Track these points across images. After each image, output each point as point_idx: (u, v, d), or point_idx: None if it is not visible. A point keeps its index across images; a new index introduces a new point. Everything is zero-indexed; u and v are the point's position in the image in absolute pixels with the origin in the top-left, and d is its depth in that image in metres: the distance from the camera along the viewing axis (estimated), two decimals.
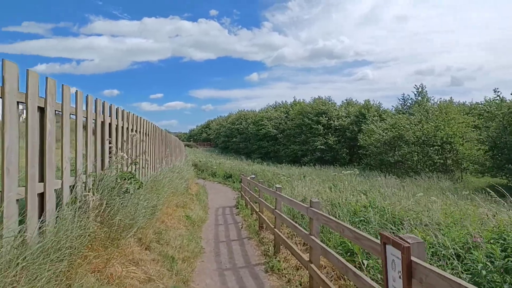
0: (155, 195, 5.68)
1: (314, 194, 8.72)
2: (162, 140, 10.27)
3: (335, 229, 3.03)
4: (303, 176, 20.99)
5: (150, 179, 6.24)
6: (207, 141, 72.27)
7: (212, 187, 18.81)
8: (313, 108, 37.54)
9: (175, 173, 9.37)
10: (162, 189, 6.44)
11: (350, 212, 5.40)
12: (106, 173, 4.13)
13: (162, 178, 7.15)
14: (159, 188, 6.18)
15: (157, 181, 6.40)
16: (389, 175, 22.10)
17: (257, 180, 16.85)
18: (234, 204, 12.61)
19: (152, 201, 5.36)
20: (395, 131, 25.56)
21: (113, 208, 3.72)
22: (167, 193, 7.32)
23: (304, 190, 9.47)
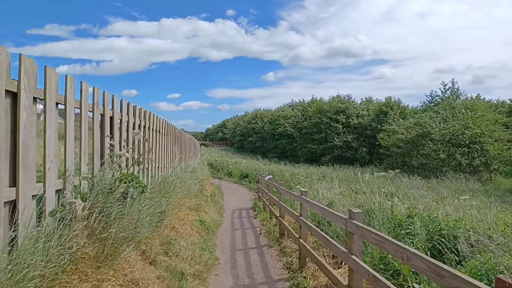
0: (164, 199, 5.03)
1: (341, 198, 7.91)
2: (176, 138, 9.68)
3: (394, 253, 2.28)
4: (322, 176, 20.18)
5: (159, 181, 5.60)
6: (223, 140, 71.95)
7: (228, 187, 18.18)
8: (331, 106, 36.45)
9: (188, 173, 8.74)
10: (173, 191, 5.79)
11: (389, 221, 4.58)
12: (102, 175, 3.48)
13: (174, 179, 6.51)
14: (169, 191, 5.53)
15: (168, 182, 5.76)
16: (413, 175, 21.00)
17: (274, 181, 16.10)
18: (251, 206, 11.91)
19: (161, 206, 4.71)
20: (419, 129, 24.28)
21: (109, 217, 3.07)
22: (179, 196, 6.69)
23: (328, 193, 8.67)
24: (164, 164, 7.45)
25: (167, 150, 8.13)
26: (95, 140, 3.78)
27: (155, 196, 4.68)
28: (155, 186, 5.28)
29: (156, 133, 6.85)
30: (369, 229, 2.50)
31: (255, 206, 11.25)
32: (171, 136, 8.81)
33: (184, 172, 8.28)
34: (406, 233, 3.80)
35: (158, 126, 7.11)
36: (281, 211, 6.84)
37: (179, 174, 7.65)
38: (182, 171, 8.14)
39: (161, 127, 7.40)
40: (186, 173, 8.51)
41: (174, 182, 6.21)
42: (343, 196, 9.07)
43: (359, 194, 13.38)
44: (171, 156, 8.50)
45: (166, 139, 8.08)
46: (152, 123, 6.51)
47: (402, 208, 6.12)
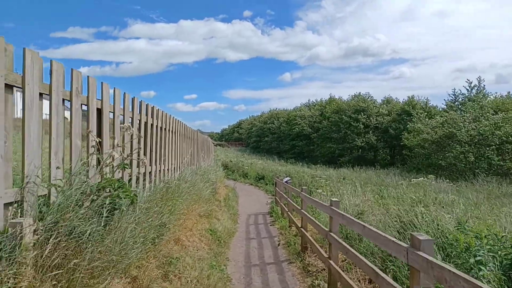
0: (166, 207, 4.23)
1: (371, 206, 6.94)
2: (187, 138, 8.93)
3: None
4: (342, 179, 19.14)
5: (161, 186, 4.81)
6: (239, 141, 71.32)
7: (243, 189, 17.37)
8: (351, 105, 35.15)
9: (199, 175, 7.95)
10: (179, 197, 4.99)
11: (450, 245, 3.54)
12: (81, 182, 2.69)
13: (180, 183, 5.71)
14: (173, 198, 4.73)
15: (172, 187, 4.96)
16: (440, 178, 19.68)
17: (293, 184, 15.18)
18: (267, 211, 11.05)
19: (161, 218, 3.91)
20: (445, 129, 22.84)
21: (80, 240, 2.27)
22: (188, 202, 5.91)
23: (355, 199, 7.70)
24: (172, 165, 6.67)
25: (176, 150, 7.36)
26: (74, 137, 3.00)
27: (154, 206, 3.87)
28: (156, 193, 4.48)
29: (161, 131, 6.09)
30: (456, 273, 1.59)
31: (272, 211, 10.38)
32: (181, 135, 8.05)
33: (195, 174, 7.50)
34: (476, 261, 2.85)
35: (164, 123, 6.35)
36: (303, 221, 5.94)
37: (187, 177, 6.86)
38: (192, 174, 7.36)
39: (168, 124, 6.64)
40: (197, 175, 7.72)
41: (180, 186, 5.41)
42: (372, 203, 8.10)
43: (386, 199, 12.35)
44: (180, 157, 7.72)
45: (175, 138, 7.32)
46: (157, 120, 5.74)
47: (446, 219, 5.13)
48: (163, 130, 6.34)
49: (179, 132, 7.81)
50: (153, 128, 5.45)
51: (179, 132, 7.82)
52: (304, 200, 5.93)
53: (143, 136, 4.86)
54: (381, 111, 33.77)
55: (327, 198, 9.23)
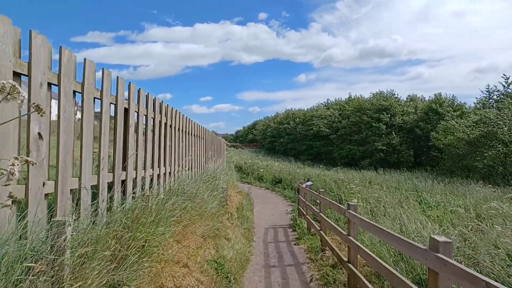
0: (133, 245, 2.49)
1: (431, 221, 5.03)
2: (189, 134, 7.24)
3: None
4: (368, 182, 17.16)
5: (134, 202, 3.07)
6: (253, 142, 69.61)
7: (259, 194, 15.59)
8: (373, 104, 32.89)
9: (203, 183, 6.23)
10: (165, 221, 3.25)
11: None
12: None
13: (172, 195, 3.99)
14: (154, 220, 2.99)
15: (150, 205, 3.21)
16: (477, 182, 17.42)
17: (314, 188, 13.31)
18: (288, 223, 9.24)
19: (116, 271, 2.17)
20: (484, 127, 20.47)
21: None
22: (184, 222, 4.19)
23: (405, 216, 5.80)
24: (165, 169, 4.95)
25: (175, 150, 5.66)
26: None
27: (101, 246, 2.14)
28: (124, 215, 2.75)
29: (170, 128, 4.40)
30: None
31: (295, 225, 8.55)
32: (183, 131, 6.35)
33: (195, 182, 5.77)
34: None
35: (167, 117, 4.65)
36: (351, 253, 4.02)
37: (187, 185, 5.14)
38: (192, 181, 5.64)
39: (172, 118, 4.94)
40: (200, 183, 5.99)
41: (169, 201, 3.67)
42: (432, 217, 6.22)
43: (430, 208, 10.37)
44: (179, 159, 6.00)
45: (175, 136, 5.62)
46: (151, 108, 4.05)
47: None
48: (174, 128, 4.66)
49: (180, 128, 6.11)
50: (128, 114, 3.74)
51: (180, 128, 6.12)
52: (354, 221, 4.02)
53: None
54: (407, 110, 31.39)
55: (381, 217, 7.40)
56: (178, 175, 5.50)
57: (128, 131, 3.68)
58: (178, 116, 6.04)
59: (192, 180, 5.82)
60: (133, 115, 3.87)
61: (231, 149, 54.96)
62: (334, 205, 4.78)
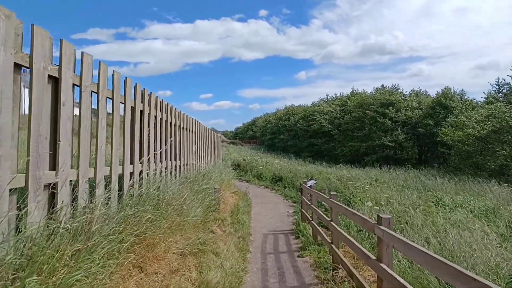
0: None
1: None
2: (183, 129, 6.11)
3: None
4: (374, 180, 16.05)
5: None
6: (253, 139, 68.49)
7: (258, 194, 14.47)
8: (376, 98, 31.71)
9: (188, 183, 5.11)
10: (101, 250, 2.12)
11: None
12: None
13: (136, 203, 2.86)
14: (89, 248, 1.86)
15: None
16: (489, 180, 16.28)
17: (318, 187, 12.18)
18: (290, 228, 8.12)
19: None
20: (496, 122, 19.32)
21: None
22: (150, 239, 3.07)
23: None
24: (139, 168, 3.81)
25: (150, 144, 4.54)
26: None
27: None
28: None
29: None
30: None
31: (298, 231, 7.42)
32: (156, 118, 5.22)
33: (176, 184, 4.65)
34: None
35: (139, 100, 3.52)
36: (381, 284, 2.87)
37: (162, 188, 4.02)
38: (175, 182, 4.52)
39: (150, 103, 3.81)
40: (185, 184, 4.87)
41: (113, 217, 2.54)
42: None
43: (450, 210, 9.29)
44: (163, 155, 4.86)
45: (143, 121, 4.50)
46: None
47: None
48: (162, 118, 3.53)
49: (152, 113, 4.98)
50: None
51: (152, 114, 4.99)
52: (388, 243, 2.75)
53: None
54: (411, 104, 30.23)
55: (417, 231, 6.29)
56: (158, 176, 4.37)
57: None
58: (155, 101, 4.90)
59: (175, 181, 4.70)
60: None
61: (230, 146, 53.72)
62: (356, 217, 3.55)
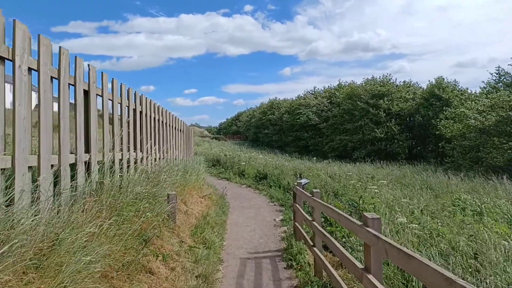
0: None
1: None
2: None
3: None
4: (371, 177, 14.01)
5: None
6: (237, 134, 66.20)
7: (238, 195, 12.15)
8: (367, 90, 29.75)
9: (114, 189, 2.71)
10: None
11: None
12: None
13: None
14: None
15: None
16: (497, 177, 14.42)
17: (309, 187, 9.97)
18: (279, 248, 5.83)
19: None
20: (503, 112, 17.55)
21: None
22: None
23: None
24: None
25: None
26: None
27: None
28: None
29: None
30: None
31: (290, 256, 5.10)
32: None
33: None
34: None
35: None
36: None
37: None
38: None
39: None
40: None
41: None
42: None
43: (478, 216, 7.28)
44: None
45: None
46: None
47: None
48: None
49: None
50: None
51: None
52: None
53: None
54: (405, 96, 28.43)
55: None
56: None
57: None
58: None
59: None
60: None
61: (213, 141, 51.27)
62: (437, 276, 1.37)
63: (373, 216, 2.27)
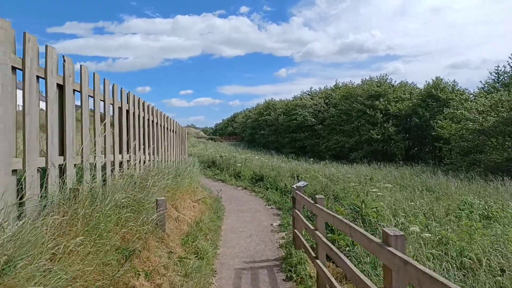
0: None
1: None
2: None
3: None
4: (369, 179, 13.66)
5: None
6: (233, 135, 65.76)
7: (234, 197, 11.74)
8: (364, 90, 29.48)
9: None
10: None
11: None
12: None
13: None
14: None
15: None
16: (499, 177, 14.22)
17: (312, 193, 9.61)
18: (277, 256, 5.44)
19: None
20: (503, 112, 17.29)
21: None
22: None
23: None
24: None
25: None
26: None
27: None
28: None
29: None
30: None
31: (290, 266, 4.72)
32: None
33: None
34: None
35: None
36: None
37: None
38: None
39: None
40: None
41: None
42: None
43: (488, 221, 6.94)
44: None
45: None
46: None
47: None
48: None
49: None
50: None
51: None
52: None
53: None
54: (401, 96, 28.18)
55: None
56: None
57: None
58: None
59: None
60: None
61: (208, 142, 50.80)
62: None
63: (395, 232, 1.89)
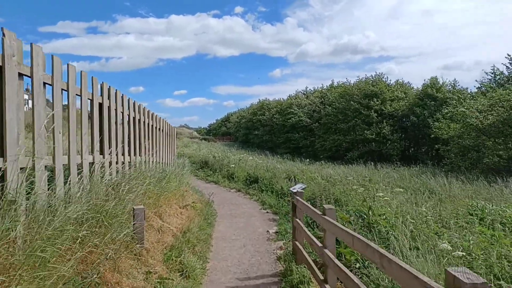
0: None
1: None
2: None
3: None
4: (368, 181, 13.04)
5: None
6: (227, 135, 65.02)
7: (226, 200, 11.05)
8: (360, 89, 28.98)
9: None
10: None
11: None
12: None
13: None
14: None
15: None
16: (495, 178, 13.72)
17: (309, 196, 8.96)
18: (274, 272, 4.76)
19: None
20: (504, 111, 16.83)
21: None
22: None
23: None
24: None
25: None
26: None
27: None
28: None
29: None
30: None
31: (290, 284, 4.05)
32: None
33: None
34: None
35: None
36: None
37: None
38: None
39: None
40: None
41: None
42: None
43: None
44: None
45: None
46: None
47: None
48: None
49: None
50: None
51: None
52: None
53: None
54: (397, 95, 27.71)
55: None
56: None
57: None
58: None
59: None
60: None
61: (202, 142, 49.93)
62: None
63: (471, 279, 1.23)
